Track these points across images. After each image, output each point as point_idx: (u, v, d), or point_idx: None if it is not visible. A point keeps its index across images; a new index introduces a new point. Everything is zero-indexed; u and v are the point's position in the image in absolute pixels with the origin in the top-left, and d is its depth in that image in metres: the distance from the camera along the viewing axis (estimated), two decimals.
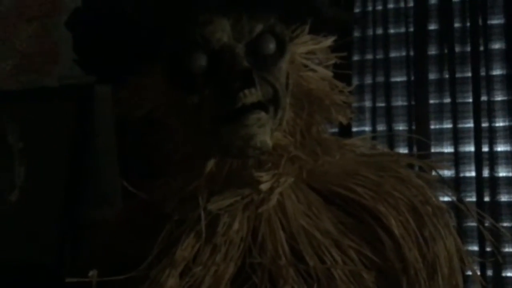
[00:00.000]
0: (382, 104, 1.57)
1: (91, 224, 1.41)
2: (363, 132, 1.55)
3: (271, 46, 0.66)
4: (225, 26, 0.64)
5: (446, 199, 0.78)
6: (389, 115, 1.56)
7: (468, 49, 1.52)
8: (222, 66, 0.63)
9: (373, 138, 1.18)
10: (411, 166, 0.78)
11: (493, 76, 1.51)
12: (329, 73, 0.74)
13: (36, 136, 1.54)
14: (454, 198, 0.79)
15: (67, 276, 0.62)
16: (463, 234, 1.43)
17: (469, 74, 1.53)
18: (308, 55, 0.73)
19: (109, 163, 1.52)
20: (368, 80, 1.57)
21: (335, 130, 1.04)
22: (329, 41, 0.75)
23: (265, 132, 0.64)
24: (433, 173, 0.77)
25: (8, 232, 1.49)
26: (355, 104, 0.84)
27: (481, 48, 1.51)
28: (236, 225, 0.64)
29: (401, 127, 1.56)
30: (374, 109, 1.56)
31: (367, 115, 1.56)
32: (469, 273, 0.76)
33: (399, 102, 1.56)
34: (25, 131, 1.56)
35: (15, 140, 1.57)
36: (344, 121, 0.74)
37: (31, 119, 1.56)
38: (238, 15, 0.64)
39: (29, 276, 1.42)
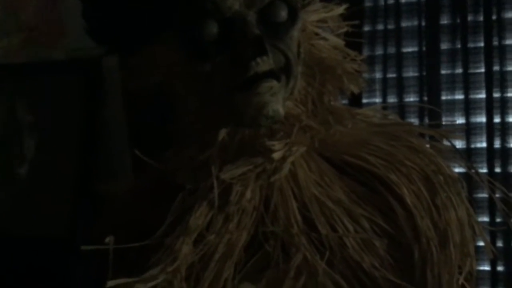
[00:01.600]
0: (393, 75, 1.55)
1: (102, 196, 1.42)
2: (374, 103, 1.54)
3: (283, 14, 0.66)
4: None
5: (458, 169, 0.77)
6: (400, 86, 1.54)
7: (481, 18, 1.50)
8: (233, 34, 0.63)
9: (384, 108, 1.17)
10: (422, 136, 0.78)
11: (506, 46, 1.48)
12: (341, 42, 0.74)
13: (45, 109, 1.55)
14: (466, 168, 0.79)
15: (83, 245, 0.62)
16: (474, 205, 1.43)
17: (482, 44, 1.51)
18: (320, 23, 0.73)
19: (119, 135, 1.53)
20: (379, 51, 1.55)
21: (345, 101, 1.03)
22: (340, 9, 0.74)
23: (277, 100, 0.64)
24: (445, 142, 0.77)
25: (19, 206, 1.50)
26: (365, 75, 0.82)
27: (494, 18, 1.49)
28: (248, 194, 0.64)
29: (412, 98, 1.54)
30: (385, 80, 1.55)
31: (378, 86, 1.55)
32: (480, 243, 0.76)
33: (410, 73, 1.55)
34: (34, 105, 1.56)
35: (24, 114, 1.58)
36: (356, 90, 0.74)
37: (39, 92, 1.56)
38: None
39: (43, 249, 1.43)
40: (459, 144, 1.43)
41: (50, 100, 1.55)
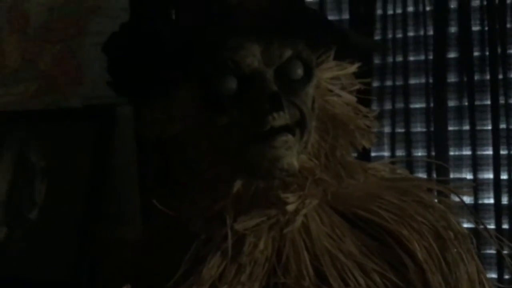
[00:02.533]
0: (401, 130, 1.57)
1: (110, 243, 1.42)
2: (382, 157, 1.55)
3: (299, 71, 0.68)
4: (256, 51, 0.66)
5: (466, 225, 0.78)
6: (408, 141, 1.56)
7: (487, 77, 1.53)
8: (252, 90, 0.65)
9: (393, 163, 1.19)
10: (430, 191, 0.79)
11: None
12: (353, 98, 0.76)
13: (58, 155, 1.57)
14: (474, 224, 0.80)
15: None
16: (482, 262, 1.42)
17: (488, 102, 1.53)
18: (333, 80, 0.75)
19: (129, 183, 1.54)
20: (388, 106, 1.57)
21: (354, 155, 1.05)
22: (353, 67, 0.77)
23: (292, 154, 0.66)
24: (453, 198, 0.78)
25: (28, 250, 1.51)
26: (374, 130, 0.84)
27: (500, 77, 1.52)
28: (261, 245, 0.65)
29: (420, 153, 1.55)
30: (393, 135, 1.57)
31: (386, 140, 1.57)
32: None
33: (418, 128, 1.57)
34: (48, 151, 1.59)
35: (38, 159, 1.60)
36: (368, 145, 0.76)
37: (53, 138, 1.59)
38: (269, 41, 0.66)
39: None
40: (467, 200, 1.43)
41: (64, 146, 1.58)
